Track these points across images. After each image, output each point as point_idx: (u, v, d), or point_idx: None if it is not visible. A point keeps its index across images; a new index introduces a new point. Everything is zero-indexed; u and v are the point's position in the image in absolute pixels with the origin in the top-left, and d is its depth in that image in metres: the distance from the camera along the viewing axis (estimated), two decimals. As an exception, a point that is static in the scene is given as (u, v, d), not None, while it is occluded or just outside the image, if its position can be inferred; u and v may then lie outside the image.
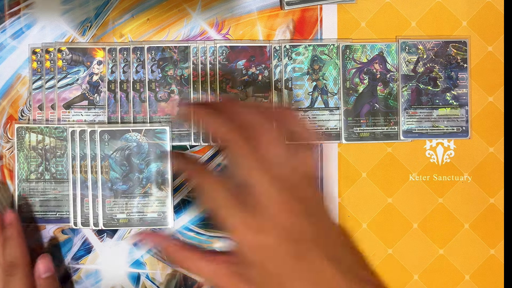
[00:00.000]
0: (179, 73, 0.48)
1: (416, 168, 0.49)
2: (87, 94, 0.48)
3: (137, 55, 0.48)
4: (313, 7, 0.49)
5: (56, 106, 0.47)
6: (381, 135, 0.49)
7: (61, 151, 0.47)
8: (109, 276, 0.48)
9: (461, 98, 0.49)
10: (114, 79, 0.48)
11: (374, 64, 0.49)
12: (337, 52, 0.49)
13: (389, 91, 0.49)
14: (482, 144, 0.50)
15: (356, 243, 0.31)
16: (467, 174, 0.50)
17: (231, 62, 0.48)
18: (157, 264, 0.48)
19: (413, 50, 0.49)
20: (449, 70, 0.49)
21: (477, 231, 0.49)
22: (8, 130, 0.48)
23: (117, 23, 0.48)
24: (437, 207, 0.49)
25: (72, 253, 0.48)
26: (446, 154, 0.49)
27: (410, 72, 0.49)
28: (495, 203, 0.49)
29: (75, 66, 0.48)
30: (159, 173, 0.47)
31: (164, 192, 0.47)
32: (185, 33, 0.49)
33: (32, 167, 0.47)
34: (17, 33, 0.48)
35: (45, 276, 0.43)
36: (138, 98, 0.48)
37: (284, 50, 0.48)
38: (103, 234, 0.48)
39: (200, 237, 0.48)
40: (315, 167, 0.37)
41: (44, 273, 0.43)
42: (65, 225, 0.47)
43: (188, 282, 0.48)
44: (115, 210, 0.47)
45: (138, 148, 0.47)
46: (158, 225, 0.47)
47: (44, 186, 0.47)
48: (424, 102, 0.49)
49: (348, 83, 0.49)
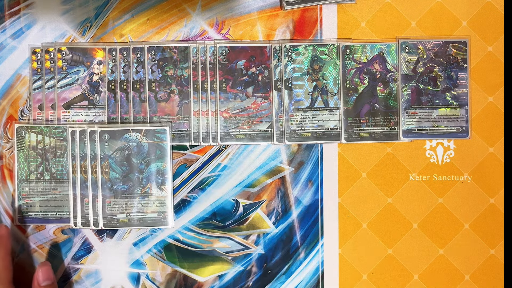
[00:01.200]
0: (179, 73, 0.48)
1: (416, 168, 0.49)
2: (87, 94, 0.48)
3: (137, 55, 0.48)
4: (313, 7, 0.49)
5: (56, 106, 0.47)
6: (381, 135, 0.49)
7: (61, 151, 0.47)
8: (109, 276, 0.48)
9: (461, 98, 0.49)
10: (114, 79, 0.48)
11: (374, 64, 0.49)
12: (337, 52, 0.49)
13: (389, 91, 0.49)
14: (482, 144, 0.50)
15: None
16: (467, 174, 0.50)
17: (231, 62, 0.48)
18: (157, 264, 0.48)
19: (413, 50, 0.49)
20: (449, 70, 0.49)
21: (477, 231, 0.49)
22: (8, 130, 0.48)
23: (117, 23, 0.48)
24: (437, 207, 0.49)
25: (72, 253, 0.48)
26: (446, 154, 0.49)
27: (410, 72, 0.49)
28: (495, 203, 0.49)
29: (75, 66, 0.48)
30: (159, 173, 0.47)
31: (164, 192, 0.47)
32: (185, 33, 0.49)
33: (32, 167, 0.47)
34: (17, 33, 0.48)
35: (44, 285, 0.43)
36: (138, 98, 0.48)
37: (284, 50, 0.48)
38: (103, 234, 0.48)
39: (200, 237, 0.48)
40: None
41: (43, 282, 0.43)
42: (65, 225, 0.47)
43: (188, 282, 0.48)
44: (115, 210, 0.47)
45: (138, 148, 0.47)
46: (158, 225, 0.47)
47: (44, 186, 0.47)
48: (424, 102, 0.49)
49: (348, 83, 0.49)
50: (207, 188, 0.48)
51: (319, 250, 0.49)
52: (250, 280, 0.48)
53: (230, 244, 0.48)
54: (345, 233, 0.49)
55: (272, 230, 0.49)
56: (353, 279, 0.49)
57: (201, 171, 0.48)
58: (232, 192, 0.49)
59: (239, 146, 0.49)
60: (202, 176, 0.48)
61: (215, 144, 0.48)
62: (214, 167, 0.49)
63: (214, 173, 0.48)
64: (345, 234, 0.49)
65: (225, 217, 0.48)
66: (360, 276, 0.49)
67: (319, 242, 0.49)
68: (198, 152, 0.49)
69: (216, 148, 0.48)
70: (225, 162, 0.49)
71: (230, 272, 0.48)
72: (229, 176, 0.49)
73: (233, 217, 0.48)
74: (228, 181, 0.49)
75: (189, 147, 0.48)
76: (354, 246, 0.49)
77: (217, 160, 0.48)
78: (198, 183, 0.48)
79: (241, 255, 0.48)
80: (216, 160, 0.48)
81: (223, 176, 0.49)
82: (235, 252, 0.48)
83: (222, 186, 0.48)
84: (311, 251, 0.49)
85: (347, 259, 0.49)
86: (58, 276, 0.48)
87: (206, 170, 0.48)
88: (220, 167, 0.49)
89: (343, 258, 0.49)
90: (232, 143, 0.48)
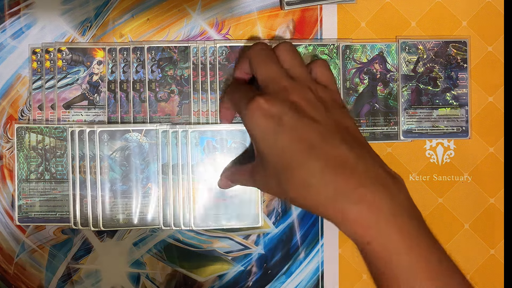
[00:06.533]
0: (179, 73, 0.48)
1: (416, 168, 0.49)
2: (87, 94, 0.48)
3: (137, 55, 0.48)
4: (313, 7, 0.49)
5: (56, 106, 0.47)
6: (381, 135, 0.49)
7: (61, 151, 0.47)
8: (109, 276, 0.48)
9: (461, 98, 0.49)
10: (114, 79, 0.48)
11: (374, 64, 0.49)
12: (337, 52, 0.49)
13: (389, 91, 0.49)
14: (482, 144, 0.50)
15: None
16: (467, 174, 0.50)
17: (231, 62, 0.48)
18: (157, 264, 0.48)
19: (413, 50, 0.49)
20: (449, 70, 0.49)
21: (477, 231, 0.49)
22: (8, 130, 0.48)
23: (117, 23, 0.48)
24: (437, 207, 0.49)
25: (72, 253, 0.48)
26: (446, 154, 0.49)
27: (410, 72, 0.49)
28: (495, 203, 0.49)
29: (75, 66, 0.48)
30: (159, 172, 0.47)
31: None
32: (185, 33, 0.49)
33: (32, 167, 0.47)
34: (17, 33, 0.48)
35: None
36: (138, 98, 0.48)
37: (284, 50, 0.48)
38: (103, 234, 0.48)
39: (200, 237, 0.48)
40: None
41: None
42: (65, 225, 0.47)
43: (188, 282, 0.48)
44: (115, 210, 0.47)
45: (138, 148, 0.47)
46: (158, 225, 0.47)
47: (44, 186, 0.47)
48: (424, 102, 0.49)
49: (348, 83, 0.49)
50: (207, 188, 0.48)
51: (319, 250, 0.49)
52: (250, 280, 0.48)
53: (230, 244, 0.48)
54: (345, 233, 0.49)
55: (272, 230, 0.49)
56: (353, 279, 0.49)
57: (201, 171, 0.48)
58: (232, 192, 0.49)
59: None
60: (202, 176, 0.48)
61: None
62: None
63: (214, 173, 0.48)
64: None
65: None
66: (360, 276, 0.49)
67: (319, 242, 0.49)
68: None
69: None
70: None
71: (230, 272, 0.48)
72: (229, 176, 0.48)
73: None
74: (228, 181, 0.49)
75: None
76: (354, 246, 0.49)
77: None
78: (198, 183, 0.48)
79: (241, 255, 0.48)
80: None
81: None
82: (235, 252, 0.48)
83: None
84: (311, 251, 0.49)
85: (347, 259, 0.49)
86: (58, 276, 0.48)
87: (206, 170, 0.48)
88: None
89: (343, 258, 0.49)
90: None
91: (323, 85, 0.39)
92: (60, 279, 0.48)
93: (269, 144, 0.35)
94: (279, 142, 0.35)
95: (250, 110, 0.36)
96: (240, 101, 0.38)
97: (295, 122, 0.35)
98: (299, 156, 0.34)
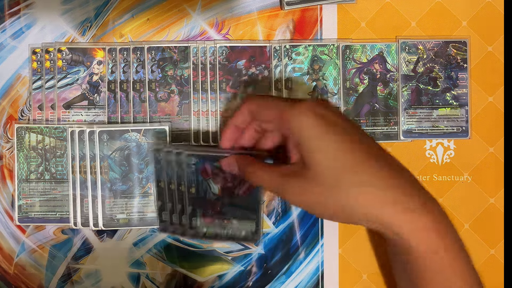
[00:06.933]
0: (179, 73, 0.48)
1: (416, 168, 0.49)
2: (87, 94, 0.48)
3: (137, 55, 0.48)
4: (313, 7, 0.49)
5: (56, 106, 0.47)
6: (381, 135, 0.49)
7: (61, 151, 0.47)
8: (109, 276, 0.48)
9: (461, 98, 0.49)
10: (114, 79, 0.48)
11: (374, 64, 0.49)
12: (337, 52, 0.49)
13: (389, 91, 0.49)
14: (482, 144, 0.50)
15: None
16: (467, 174, 0.50)
17: (231, 62, 0.48)
18: (157, 264, 0.48)
19: (413, 50, 0.49)
20: (449, 70, 0.49)
21: (477, 231, 0.49)
22: (8, 130, 0.48)
23: (117, 23, 0.48)
24: (437, 207, 0.49)
25: (72, 253, 0.48)
26: (446, 154, 0.49)
27: (410, 72, 0.49)
28: (495, 203, 0.49)
29: (75, 66, 0.48)
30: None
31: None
32: (185, 33, 0.49)
33: (32, 167, 0.47)
34: (17, 33, 0.48)
35: None
36: (138, 98, 0.48)
37: (284, 50, 0.48)
38: (103, 234, 0.48)
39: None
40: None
41: None
42: (65, 225, 0.47)
43: (188, 282, 0.48)
44: (115, 210, 0.47)
45: (137, 148, 0.47)
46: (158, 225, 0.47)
47: (44, 186, 0.47)
48: (424, 102, 0.49)
49: (348, 83, 0.49)
50: (207, 188, 0.48)
51: (319, 250, 0.49)
52: (250, 280, 0.48)
53: (230, 244, 0.48)
54: (345, 233, 0.49)
55: (272, 230, 0.49)
56: (353, 279, 0.49)
57: (201, 171, 0.48)
58: (232, 192, 0.49)
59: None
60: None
61: (216, 144, 0.48)
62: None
63: (214, 173, 0.48)
64: (345, 234, 0.49)
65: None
66: (360, 276, 0.49)
67: (319, 242, 0.49)
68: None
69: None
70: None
71: (230, 272, 0.48)
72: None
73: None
74: (228, 181, 0.49)
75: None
76: (354, 246, 0.49)
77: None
78: (198, 183, 0.48)
79: (241, 255, 0.48)
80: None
81: (223, 176, 0.48)
82: (235, 252, 0.48)
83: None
84: (311, 251, 0.49)
85: (347, 259, 0.49)
86: (58, 276, 0.48)
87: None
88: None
89: (343, 258, 0.49)
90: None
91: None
92: (60, 279, 0.48)
93: (322, 144, 0.34)
94: (332, 141, 0.34)
95: (300, 109, 0.35)
96: (278, 105, 0.37)
97: (344, 123, 0.35)
98: (360, 156, 0.34)
